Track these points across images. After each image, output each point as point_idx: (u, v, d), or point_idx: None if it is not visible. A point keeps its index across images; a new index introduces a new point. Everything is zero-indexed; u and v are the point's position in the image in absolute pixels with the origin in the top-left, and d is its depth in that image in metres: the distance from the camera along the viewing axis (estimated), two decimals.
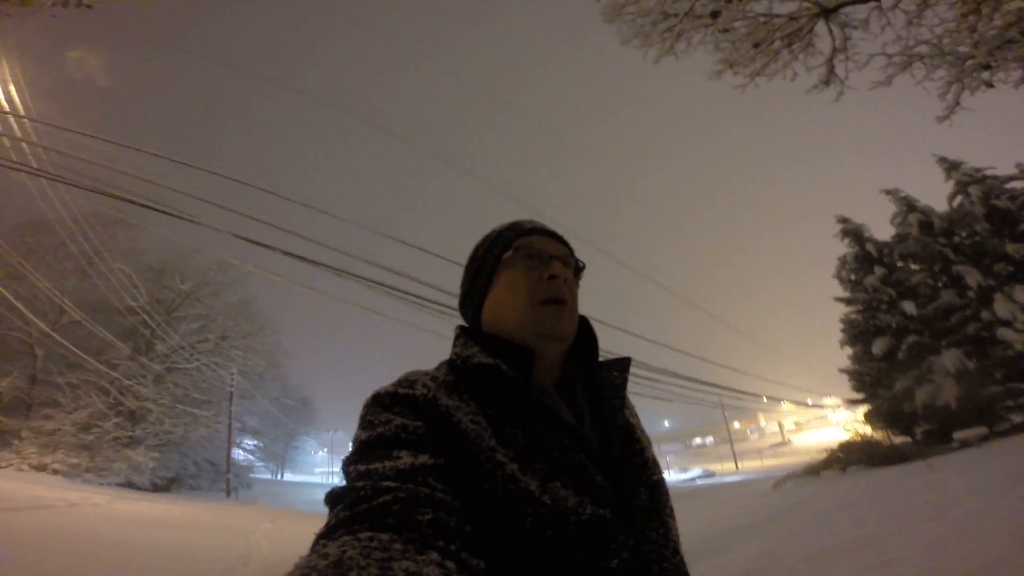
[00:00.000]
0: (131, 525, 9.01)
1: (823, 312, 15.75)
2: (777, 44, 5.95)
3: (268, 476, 35.19)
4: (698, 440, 59.97)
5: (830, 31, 5.92)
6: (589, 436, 0.68)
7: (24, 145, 9.55)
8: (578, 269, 0.82)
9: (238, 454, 27.33)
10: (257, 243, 8.42)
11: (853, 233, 15.56)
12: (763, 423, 56.14)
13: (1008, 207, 13.04)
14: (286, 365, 31.22)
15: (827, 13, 5.73)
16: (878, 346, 13.20)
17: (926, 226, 14.23)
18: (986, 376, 11.47)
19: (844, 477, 11.93)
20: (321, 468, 48.25)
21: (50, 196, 13.53)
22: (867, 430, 13.89)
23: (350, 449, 0.61)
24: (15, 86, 10.72)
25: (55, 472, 15.07)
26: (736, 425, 40.88)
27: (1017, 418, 11.25)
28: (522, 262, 0.76)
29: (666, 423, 67.87)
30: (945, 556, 3.63)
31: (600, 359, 0.80)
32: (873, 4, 5.63)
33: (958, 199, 14.05)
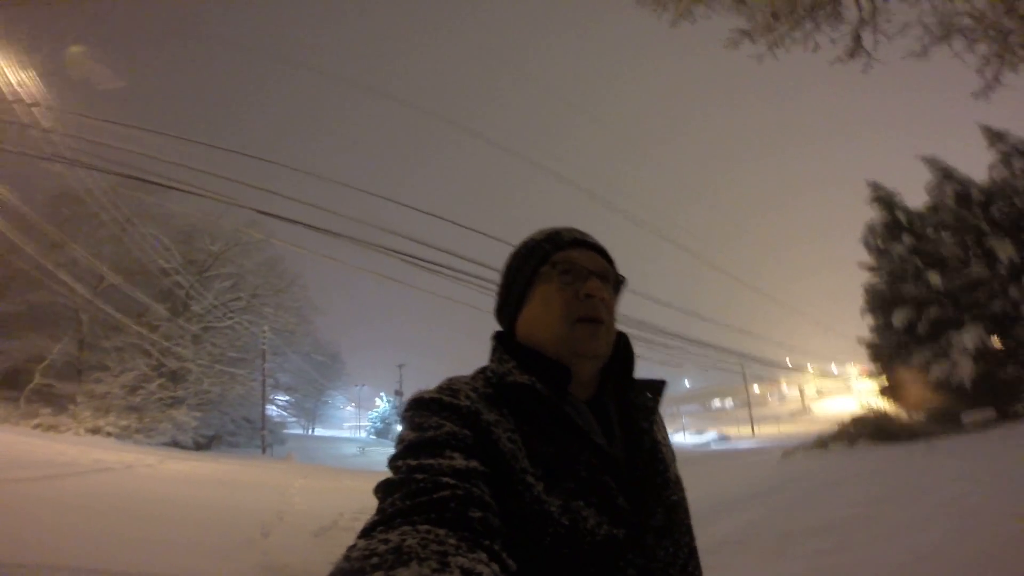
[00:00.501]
0: (181, 484, 10.05)
1: (851, 277, 15.53)
2: (800, 12, 5.62)
3: (300, 431, 37.20)
4: (717, 402, 60.60)
5: (857, 1, 5.74)
6: (617, 456, 0.71)
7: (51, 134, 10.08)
8: (618, 283, 0.82)
9: (272, 410, 29.04)
10: (279, 217, 8.89)
11: (884, 200, 15.08)
12: (785, 388, 56.17)
13: None
14: (316, 320, 31.74)
15: None
16: (899, 317, 13.10)
17: (963, 197, 13.72)
18: (1005, 356, 11.39)
19: (851, 452, 12.18)
20: (349, 423, 50.75)
21: (79, 173, 14.20)
22: (880, 403, 14.02)
23: (396, 447, 0.63)
24: (35, 75, 11.11)
25: (108, 435, 16.48)
26: (756, 389, 41.08)
27: None
28: (558, 278, 0.76)
29: (687, 383, 68.37)
30: (897, 545, 3.97)
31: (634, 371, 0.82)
32: None
33: (999, 170, 13.47)
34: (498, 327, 0.85)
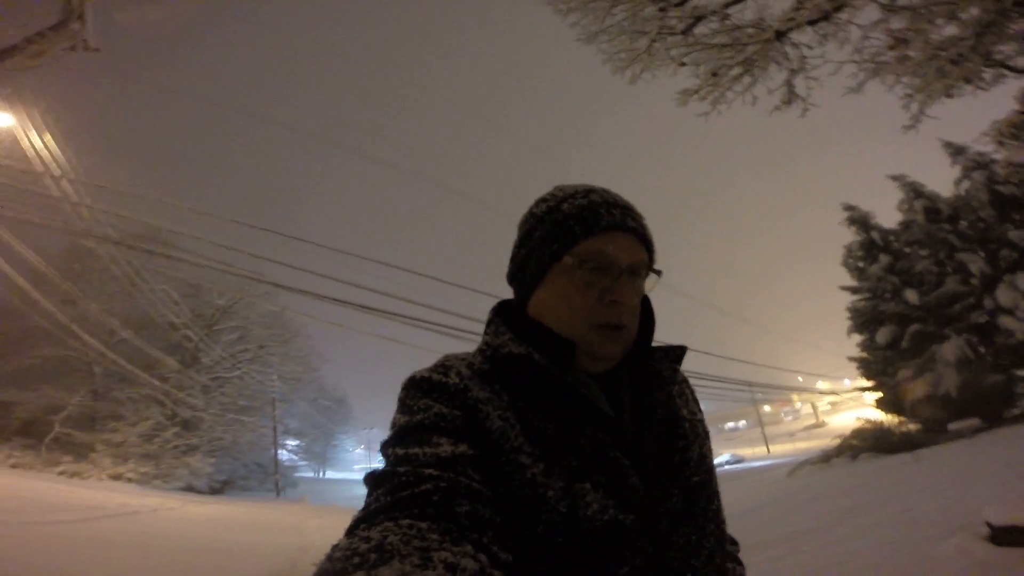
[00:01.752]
0: (202, 526, 10.70)
1: (839, 297, 16.27)
2: (736, 70, 6.38)
3: (311, 474, 37.55)
4: (731, 424, 60.40)
5: (785, 54, 6.17)
6: (627, 430, 0.66)
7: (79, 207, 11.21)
8: (651, 270, 0.73)
9: (282, 455, 29.63)
10: (290, 288, 9.87)
11: (860, 221, 16.00)
12: (798, 405, 56.03)
13: (1013, 193, 13.36)
14: (321, 368, 33.01)
15: (779, 35, 6.02)
16: (882, 335, 13.82)
17: (932, 212, 14.60)
18: (986, 365, 12.04)
19: (851, 465, 12.66)
20: (360, 465, 50.92)
21: (92, 230, 15.32)
22: (879, 416, 14.55)
23: (389, 431, 0.62)
24: (55, 140, 12.23)
25: (129, 480, 17.19)
26: (767, 409, 41.19)
27: (1017, 409, 11.80)
28: (583, 274, 0.67)
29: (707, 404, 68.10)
30: (828, 553, 4.50)
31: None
32: (822, 26, 6.13)
33: (964, 184, 14.39)
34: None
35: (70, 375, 21.37)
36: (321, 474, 40.42)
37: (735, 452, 36.01)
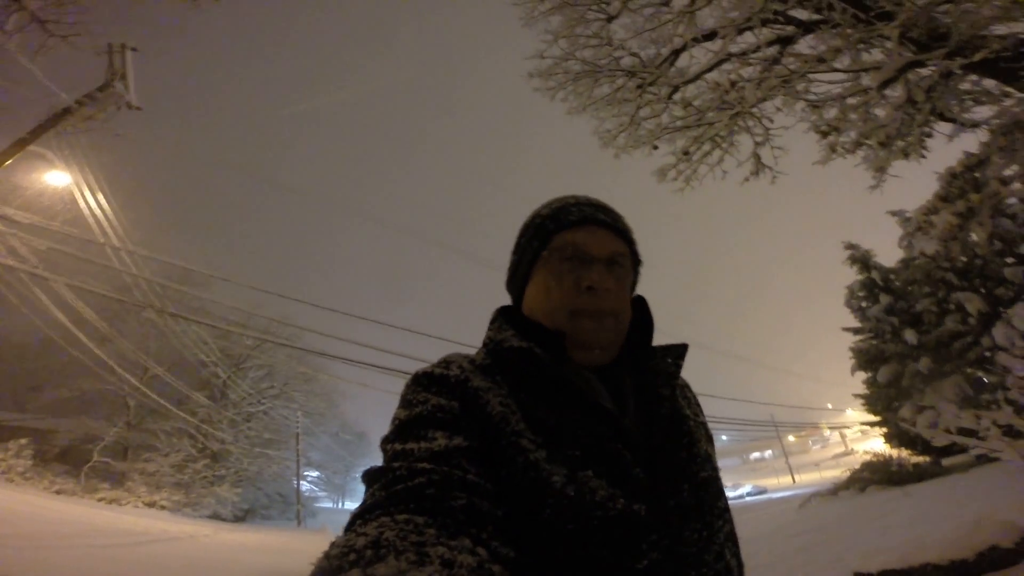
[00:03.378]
0: (237, 551, 11.77)
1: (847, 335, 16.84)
2: (706, 146, 7.05)
3: (330, 504, 38.50)
4: (756, 454, 59.38)
5: (748, 128, 6.88)
6: (630, 424, 0.67)
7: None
8: (636, 262, 0.78)
9: (303, 485, 30.78)
10: (323, 354, 11.07)
11: (860, 260, 16.61)
12: (827, 433, 55.04)
13: (1009, 228, 13.93)
14: (342, 404, 34.45)
15: (739, 115, 6.67)
16: (883, 374, 14.37)
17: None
18: (985, 403, 12.50)
19: (857, 497, 13.07)
20: None
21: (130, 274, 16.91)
22: (886, 450, 14.96)
23: (390, 427, 0.64)
24: (102, 197, 13.76)
25: (162, 508, 18.49)
26: (791, 439, 40.84)
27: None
28: (559, 264, 0.73)
29: (724, 437, 67.25)
30: None
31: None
32: (780, 102, 6.51)
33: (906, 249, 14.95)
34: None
35: (106, 407, 23.17)
36: (340, 504, 41.43)
37: (758, 484, 35.71)
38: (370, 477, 0.58)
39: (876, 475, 14.11)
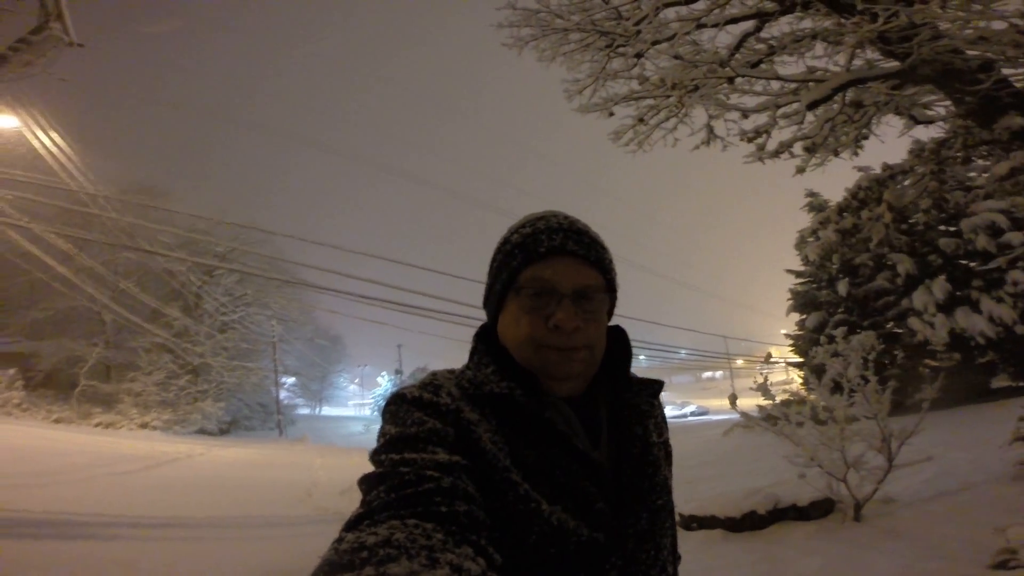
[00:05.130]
0: (231, 467, 13.59)
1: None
2: (662, 114, 7.19)
3: (307, 411, 41.01)
4: (708, 374, 64.87)
5: (701, 102, 7.10)
6: (601, 461, 0.74)
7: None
8: (610, 290, 0.80)
9: (282, 394, 32.75)
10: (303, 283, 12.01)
11: (817, 207, 17.93)
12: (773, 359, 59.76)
13: (958, 200, 15.06)
14: (317, 307, 35.05)
15: (695, 89, 6.75)
16: (810, 320, 16.32)
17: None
18: (890, 363, 14.58)
19: (767, 432, 15.42)
20: (354, 400, 54.94)
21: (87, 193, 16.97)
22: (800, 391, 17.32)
23: (378, 441, 0.67)
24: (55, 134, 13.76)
25: (154, 428, 20.14)
26: (740, 363, 44.80)
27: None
28: (527, 300, 0.75)
29: (683, 353, 72.37)
30: None
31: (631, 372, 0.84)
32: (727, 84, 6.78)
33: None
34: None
35: (83, 325, 23.76)
36: (318, 411, 43.85)
37: (702, 404, 39.60)
38: (372, 481, 0.60)
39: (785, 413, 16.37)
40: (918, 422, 4.86)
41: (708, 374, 65.51)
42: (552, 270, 0.75)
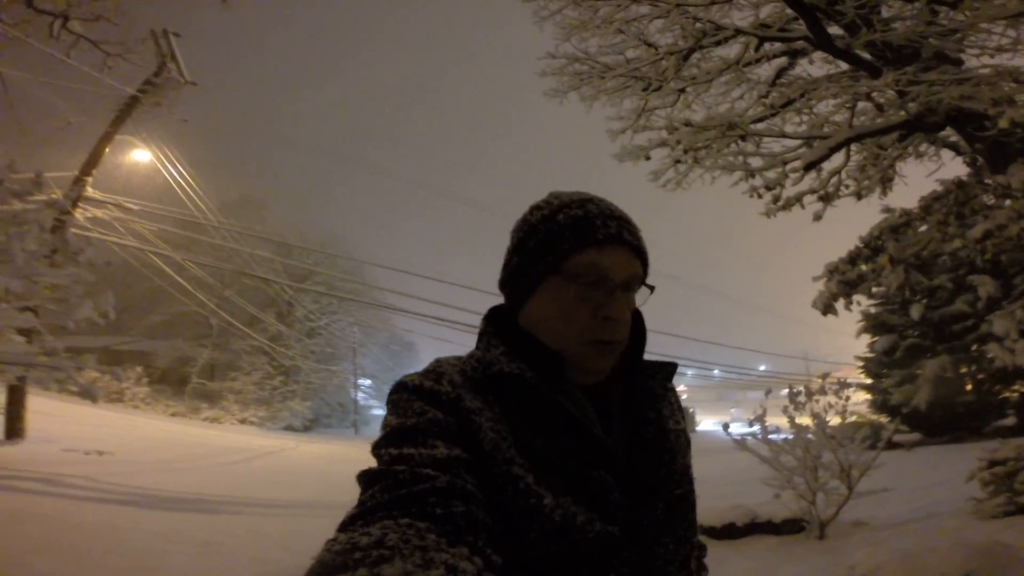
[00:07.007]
0: (318, 460, 15.55)
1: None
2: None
3: (381, 412, 43.80)
4: (785, 391, 61.41)
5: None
6: (615, 447, 0.71)
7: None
8: (644, 284, 0.77)
9: (359, 395, 35.74)
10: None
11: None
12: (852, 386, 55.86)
13: None
14: (393, 317, 38.17)
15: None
16: (881, 343, 15.94)
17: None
18: (960, 385, 14.04)
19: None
20: None
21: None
22: (871, 416, 16.86)
23: (381, 433, 0.66)
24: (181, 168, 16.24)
25: (251, 424, 23.04)
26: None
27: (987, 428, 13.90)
28: (580, 289, 0.71)
29: (762, 367, 69.25)
30: None
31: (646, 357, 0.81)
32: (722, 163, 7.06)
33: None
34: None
35: (193, 328, 27.38)
36: None
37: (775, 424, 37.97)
38: (368, 479, 0.60)
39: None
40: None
41: (785, 391, 62.26)
42: (611, 259, 0.72)
